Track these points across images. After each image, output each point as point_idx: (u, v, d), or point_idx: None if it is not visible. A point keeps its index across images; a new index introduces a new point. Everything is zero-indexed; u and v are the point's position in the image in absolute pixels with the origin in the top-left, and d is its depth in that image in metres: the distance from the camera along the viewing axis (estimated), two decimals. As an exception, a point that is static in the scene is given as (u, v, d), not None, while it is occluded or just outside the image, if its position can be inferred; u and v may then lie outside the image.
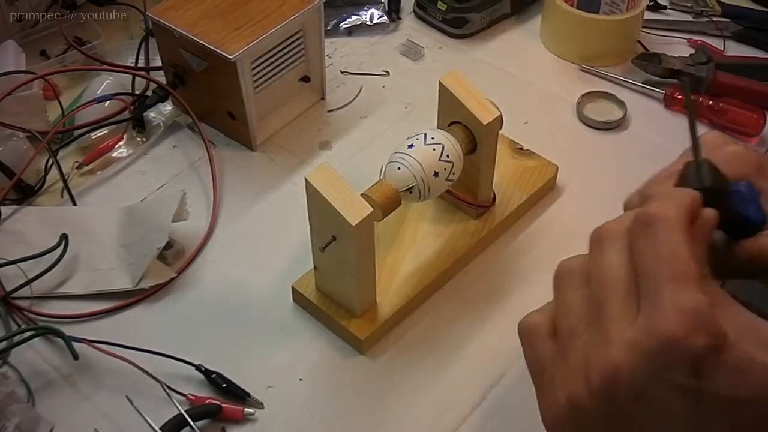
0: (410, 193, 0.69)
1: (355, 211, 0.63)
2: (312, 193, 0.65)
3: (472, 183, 0.77)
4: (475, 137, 0.73)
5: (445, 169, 0.69)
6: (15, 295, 0.73)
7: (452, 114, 0.74)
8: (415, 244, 0.78)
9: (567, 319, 0.41)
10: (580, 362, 0.39)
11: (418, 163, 0.68)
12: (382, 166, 0.70)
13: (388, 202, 0.68)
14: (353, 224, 0.62)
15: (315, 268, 0.73)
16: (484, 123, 0.72)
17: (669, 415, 0.38)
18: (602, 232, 0.42)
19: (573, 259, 0.43)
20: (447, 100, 0.74)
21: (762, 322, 0.39)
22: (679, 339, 0.36)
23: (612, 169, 0.88)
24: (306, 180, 0.65)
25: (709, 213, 0.42)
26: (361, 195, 0.65)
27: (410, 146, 0.70)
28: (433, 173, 0.69)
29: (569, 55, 1.02)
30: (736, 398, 0.37)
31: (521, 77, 1.01)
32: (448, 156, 0.70)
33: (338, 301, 0.72)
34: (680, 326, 0.36)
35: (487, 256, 0.80)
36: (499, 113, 0.73)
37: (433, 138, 0.70)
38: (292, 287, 0.74)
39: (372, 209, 0.64)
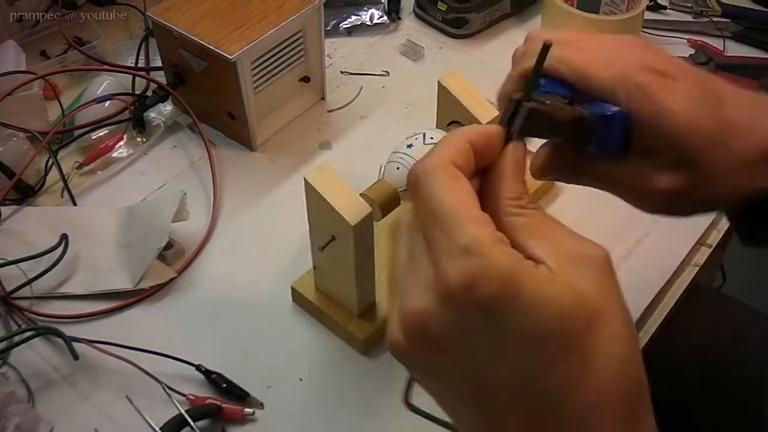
0: (410, 193, 0.69)
1: (354, 211, 0.63)
2: (311, 193, 0.65)
3: (471, 183, 0.77)
4: (474, 137, 0.73)
5: (444, 169, 0.69)
6: (15, 295, 0.73)
7: (451, 114, 0.74)
8: (414, 244, 0.78)
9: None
10: (397, 308, 0.39)
11: (418, 163, 0.68)
12: (381, 166, 0.70)
13: (387, 202, 0.68)
14: (352, 224, 0.62)
15: (314, 268, 0.73)
16: (484, 123, 0.72)
17: (471, 356, 0.37)
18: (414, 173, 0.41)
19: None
20: (446, 100, 0.74)
21: (579, 241, 0.40)
22: (458, 291, 0.35)
23: (612, 169, 0.88)
24: (305, 180, 0.65)
25: (514, 149, 0.42)
26: (361, 195, 0.65)
27: (409, 146, 0.69)
28: (433, 173, 0.69)
29: (569, 55, 1.02)
30: (535, 332, 0.35)
31: (521, 77, 1.01)
32: (447, 156, 0.70)
33: (338, 301, 0.72)
34: (458, 278, 0.35)
35: (486, 256, 0.80)
36: (498, 113, 0.72)
37: (432, 138, 0.70)
38: (292, 287, 0.74)
39: (371, 209, 0.64)
